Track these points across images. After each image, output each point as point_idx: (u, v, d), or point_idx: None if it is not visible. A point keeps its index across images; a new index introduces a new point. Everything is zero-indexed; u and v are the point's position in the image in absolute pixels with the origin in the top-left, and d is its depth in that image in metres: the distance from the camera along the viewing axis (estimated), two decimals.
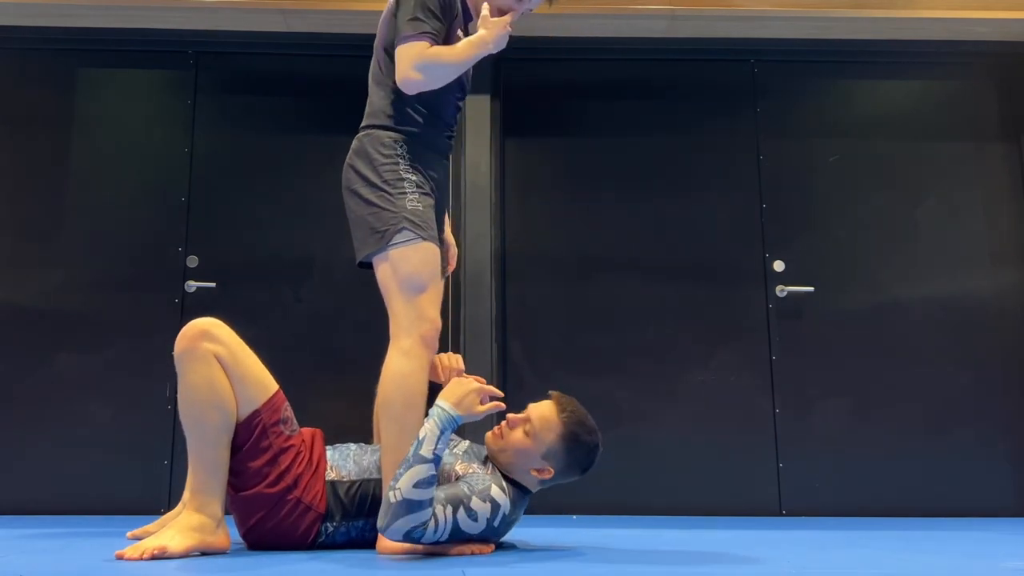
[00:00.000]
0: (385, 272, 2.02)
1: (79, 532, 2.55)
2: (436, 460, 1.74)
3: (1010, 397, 3.63)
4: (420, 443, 1.75)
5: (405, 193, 2.03)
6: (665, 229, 3.79)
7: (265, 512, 1.87)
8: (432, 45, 2.03)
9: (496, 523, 1.85)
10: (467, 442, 2.10)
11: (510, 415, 1.97)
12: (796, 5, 3.68)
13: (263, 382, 1.92)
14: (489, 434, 1.99)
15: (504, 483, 1.90)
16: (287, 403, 1.97)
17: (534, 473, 1.92)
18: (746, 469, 3.56)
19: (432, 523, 1.75)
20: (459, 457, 1.99)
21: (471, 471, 1.93)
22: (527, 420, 1.93)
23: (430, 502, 1.74)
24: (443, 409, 1.79)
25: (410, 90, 2.04)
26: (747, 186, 3.82)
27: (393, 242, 1.99)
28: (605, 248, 3.77)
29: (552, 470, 1.92)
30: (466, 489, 1.83)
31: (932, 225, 3.78)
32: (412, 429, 1.91)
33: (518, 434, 1.92)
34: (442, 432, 1.76)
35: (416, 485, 1.71)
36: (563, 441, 1.91)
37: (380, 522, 1.74)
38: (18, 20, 3.71)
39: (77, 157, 3.75)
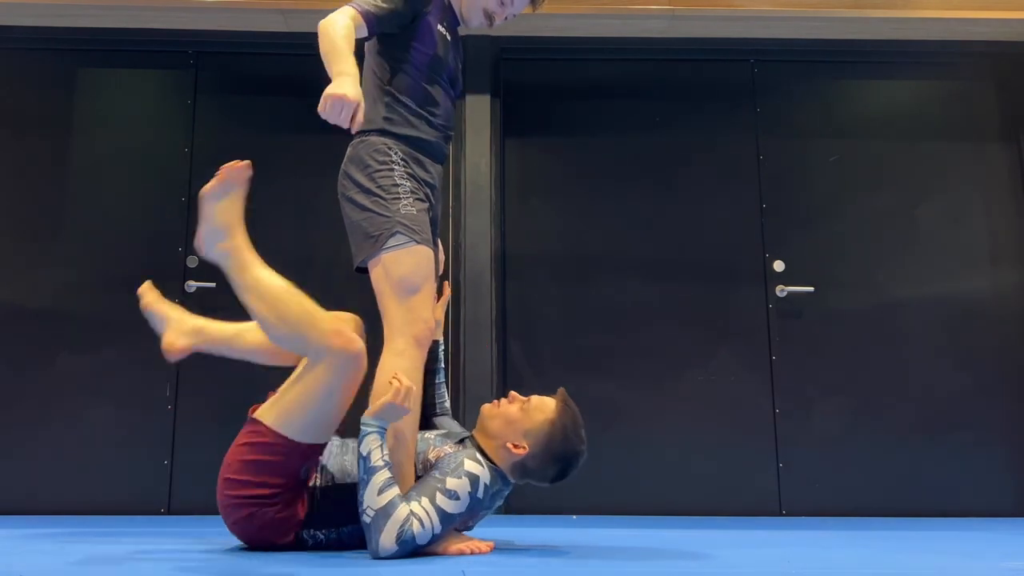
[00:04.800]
0: (379, 275, 2.03)
1: (79, 532, 2.55)
2: (387, 465, 1.80)
3: (1009, 397, 3.63)
4: (367, 459, 1.80)
5: (399, 198, 2.05)
6: (665, 229, 3.79)
7: (246, 515, 1.88)
8: (360, 17, 2.03)
9: (480, 494, 1.86)
10: (442, 429, 2.14)
11: (513, 392, 2.04)
12: (796, 5, 3.68)
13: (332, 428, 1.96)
14: (487, 404, 2.05)
15: (479, 456, 1.93)
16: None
17: (509, 446, 1.94)
18: (746, 469, 3.56)
19: (416, 522, 1.76)
20: (431, 443, 2.00)
21: (443, 455, 1.94)
22: (527, 400, 2.00)
23: (400, 498, 1.78)
24: (372, 418, 1.84)
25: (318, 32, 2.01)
26: (747, 186, 3.82)
27: (387, 246, 2.01)
28: (605, 248, 3.77)
29: (526, 447, 1.93)
30: (437, 475, 1.86)
31: (932, 225, 3.78)
32: (407, 429, 1.92)
33: (514, 408, 1.99)
34: (382, 442, 1.82)
35: (380, 492, 1.77)
36: (549, 426, 1.94)
37: (371, 551, 1.77)
38: (18, 20, 3.72)
39: (77, 157, 3.75)
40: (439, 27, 2.18)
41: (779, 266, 3.72)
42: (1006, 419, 3.61)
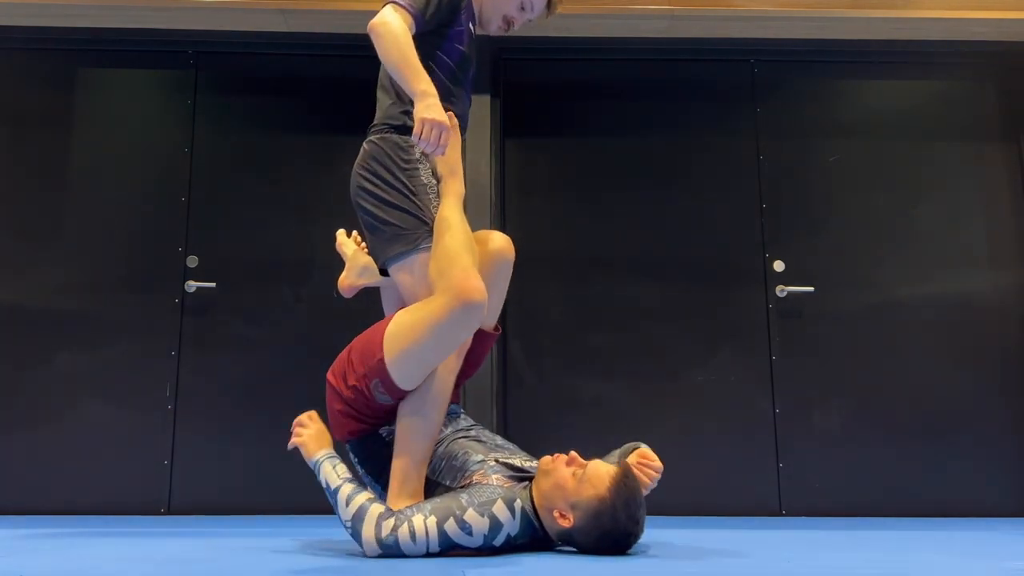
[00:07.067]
0: (412, 275, 2.01)
1: (79, 532, 2.55)
2: (346, 479, 1.86)
3: (1010, 397, 3.63)
4: (328, 486, 1.87)
5: (430, 198, 2.05)
6: (665, 229, 3.79)
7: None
8: (410, 17, 2.01)
9: (496, 542, 1.79)
10: (519, 457, 2.03)
11: (574, 452, 1.88)
12: (796, 5, 3.68)
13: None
14: (546, 456, 1.90)
15: (521, 504, 1.82)
16: None
17: (556, 514, 1.82)
18: (746, 469, 3.56)
19: (406, 531, 1.73)
20: (489, 467, 1.92)
21: (486, 482, 1.86)
22: (583, 465, 1.84)
23: (369, 502, 1.80)
24: (322, 453, 1.94)
25: (371, 33, 2.00)
26: (747, 186, 3.82)
27: (422, 246, 2.00)
28: (605, 248, 3.77)
29: (571, 519, 1.80)
30: (464, 501, 1.78)
31: (932, 225, 3.78)
32: (437, 421, 1.95)
33: (567, 472, 1.83)
34: (334, 466, 1.89)
35: (347, 504, 1.81)
36: (598, 503, 1.78)
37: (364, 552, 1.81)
38: (18, 20, 3.71)
39: (77, 157, 3.75)
40: (470, 25, 2.19)
41: (779, 266, 3.72)
42: (1006, 419, 3.61)
